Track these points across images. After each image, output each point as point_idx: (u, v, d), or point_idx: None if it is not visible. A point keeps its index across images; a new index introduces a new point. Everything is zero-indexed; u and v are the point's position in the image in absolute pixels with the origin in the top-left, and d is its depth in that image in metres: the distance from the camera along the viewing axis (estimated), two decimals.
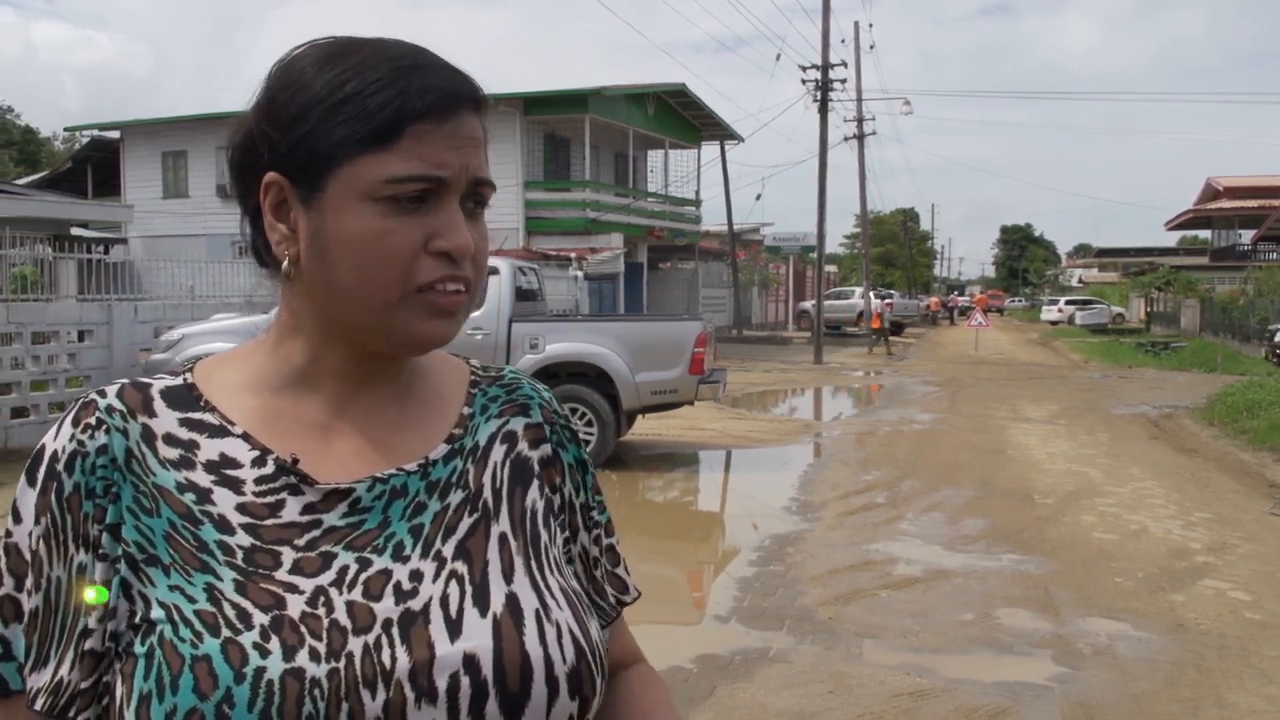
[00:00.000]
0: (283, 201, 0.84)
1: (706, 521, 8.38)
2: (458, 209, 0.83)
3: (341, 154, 0.81)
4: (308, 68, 0.83)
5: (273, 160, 0.83)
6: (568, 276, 20.37)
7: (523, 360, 9.39)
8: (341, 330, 0.86)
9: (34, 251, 12.61)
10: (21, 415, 10.16)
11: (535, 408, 0.97)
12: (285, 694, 0.74)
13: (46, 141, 56.78)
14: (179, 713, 0.74)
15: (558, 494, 0.94)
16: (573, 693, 0.82)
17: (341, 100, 0.81)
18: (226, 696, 0.74)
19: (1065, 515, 7.78)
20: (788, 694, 4.30)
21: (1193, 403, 15.22)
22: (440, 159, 0.81)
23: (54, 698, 0.80)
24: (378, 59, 0.82)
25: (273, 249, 0.86)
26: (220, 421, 0.86)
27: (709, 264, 34.63)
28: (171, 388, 0.88)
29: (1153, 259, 54.31)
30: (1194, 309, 33.69)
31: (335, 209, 0.81)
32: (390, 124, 0.80)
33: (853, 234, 77.81)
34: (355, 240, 0.81)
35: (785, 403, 17.29)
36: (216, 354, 0.93)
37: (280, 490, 0.84)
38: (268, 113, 0.84)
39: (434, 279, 0.82)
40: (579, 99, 25.46)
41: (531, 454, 0.94)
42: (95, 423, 0.83)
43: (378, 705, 0.76)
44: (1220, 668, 4.58)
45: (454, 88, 0.83)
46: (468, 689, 0.78)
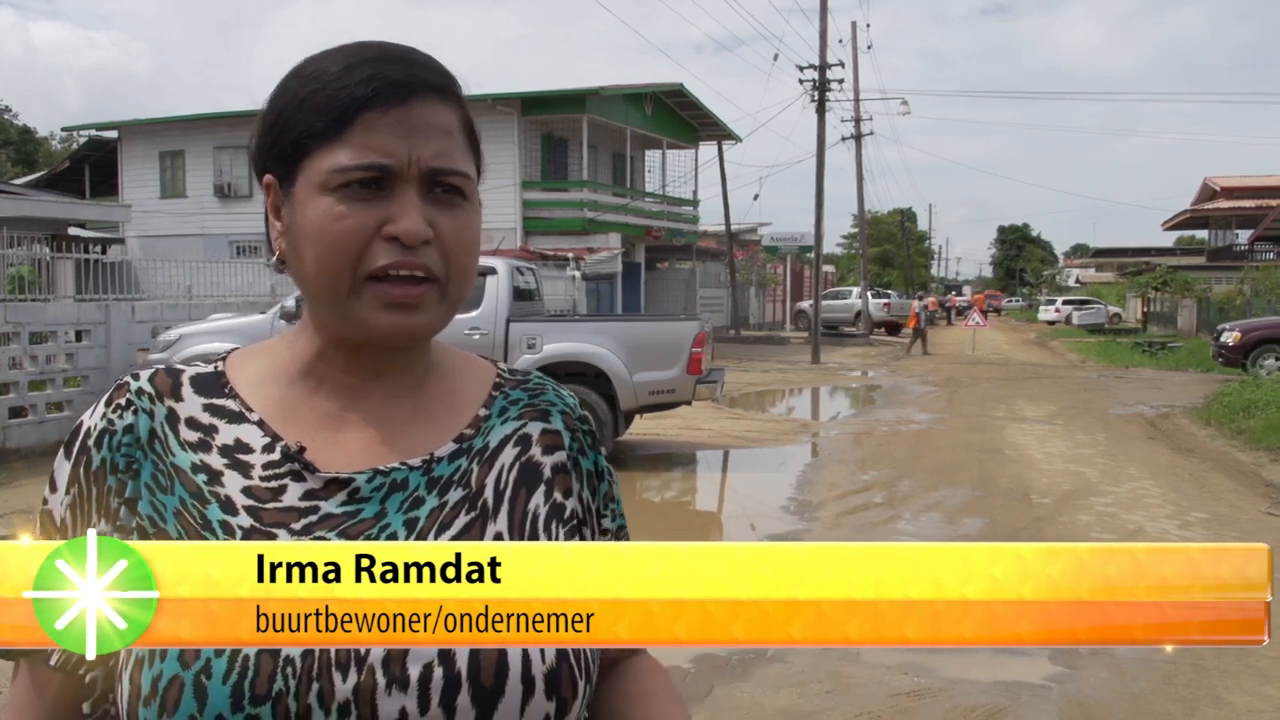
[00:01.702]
0: (276, 201, 0.90)
1: (704, 521, 8.38)
2: (412, 195, 0.84)
3: (304, 149, 0.85)
4: (293, 73, 0.89)
5: (264, 163, 0.89)
6: (565, 276, 20.39)
7: (520, 360, 9.39)
8: (317, 319, 0.91)
9: (31, 251, 12.59)
10: (19, 415, 10.15)
11: (556, 414, 0.98)
12: (259, 670, 0.78)
13: (44, 141, 56.74)
14: (164, 678, 0.78)
15: (570, 499, 0.94)
16: (549, 693, 0.82)
17: (305, 97, 0.85)
18: (205, 667, 0.78)
19: (1063, 515, 7.79)
20: (785, 693, 4.30)
21: (1190, 402, 15.23)
22: (386, 147, 0.83)
23: (64, 656, 0.85)
24: (340, 56, 0.87)
25: (272, 244, 0.91)
26: (240, 408, 0.91)
27: (707, 264, 34.64)
28: (202, 374, 0.94)
29: (1150, 259, 54.35)
30: (1191, 309, 33.74)
31: (300, 201, 0.85)
32: (339, 116, 0.83)
33: (850, 234, 77.91)
34: (312, 229, 0.84)
35: (783, 402, 17.30)
36: (250, 346, 0.98)
37: (284, 476, 0.88)
38: (261, 119, 0.90)
39: (385, 264, 0.84)
40: (577, 99, 25.46)
41: (544, 460, 0.94)
42: (125, 403, 0.89)
43: (348, 687, 0.79)
44: (1217, 667, 4.58)
45: (400, 76, 0.85)
46: (440, 679, 0.79)
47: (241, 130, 27.31)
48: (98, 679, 0.87)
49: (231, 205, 27.07)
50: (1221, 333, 19.85)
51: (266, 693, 0.78)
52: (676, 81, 28.52)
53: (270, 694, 0.78)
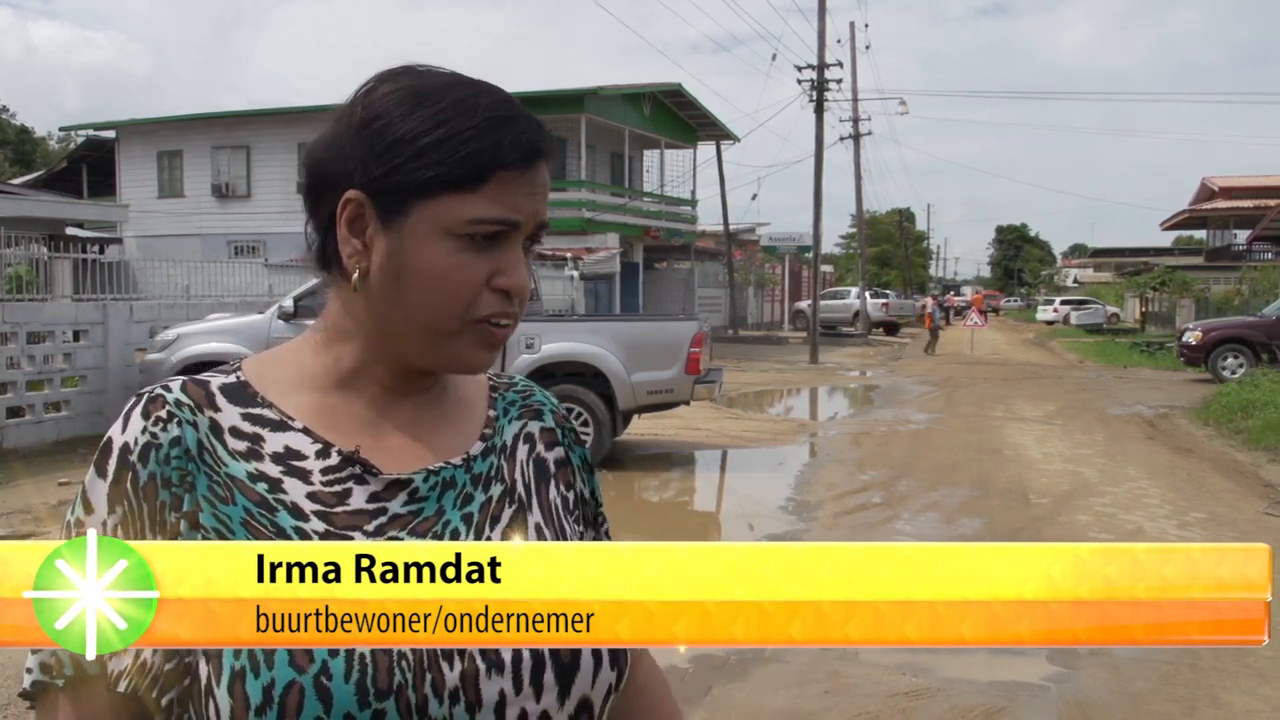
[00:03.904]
0: (359, 217, 0.89)
1: (703, 521, 8.38)
2: (520, 250, 0.90)
3: (429, 190, 0.87)
4: (401, 102, 0.89)
5: (361, 180, 0.89)
6: (564, 276, 20.38)
7: (519, 360, 9.39)
8: (394, 343, 0.92)
9: (29, 251, 12.58)
10: (17, 415, 10.14)
11: (547, 413, 1.05)
12: (377, 665, 0.80)
13: (42, 141, 56.71)
14: (277, 685, 0.78)
15: (572, 491, 1.02)
16: (612, 663, 0.90)
17: (436, 142, 0.87)
18: (323, 669, 0.79)
19: (1061, 515, 7.79)
20: (784, 694, 4.30)
21: (1188, 402, 15.24)
22: (518, 205, 0.88)
23: (137, 679, 0.83)
24: (471, 107, 0.88)
25: (343, 259, 0.91)
26: (280, 416, 0.92)
27: (705, 264, 34.64)
28: (228, 384, 0.93)
29: (1148, 259, 54.31)
30: (1189, 309, 33.74)
31: (415, 237, 0.87)
32: (481, 170, 0.87)
33: (849, 234, 77.90)
34: (430, 269, 0.87)
35: (781, 402, 17.30)
36: (260, 354, 0.99)
37: (346, 480, 0.90)
38: (360, 137, 0.89)
39: (491, 314, 0.90)
40: (575, 99, 25.46)
41: (548, 455, 1.02)
42: (166, 416, 0.88)
43: (455, 675, 0.83)
44: (1215, 667, 4.59)
45: (538, 142, 0.90)
46: (529, 659, 0.85)
47: (239, 130, 27.40)
48: (173, 702, 0.83)
49: (229, 205, 27.07)
50: (1184, 332, 20.50)
51: (389, 686, 0.80)
52: (675, 82, 28.54)
53: (392, 687, 0.80)
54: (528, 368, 9.31)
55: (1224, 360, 18.70)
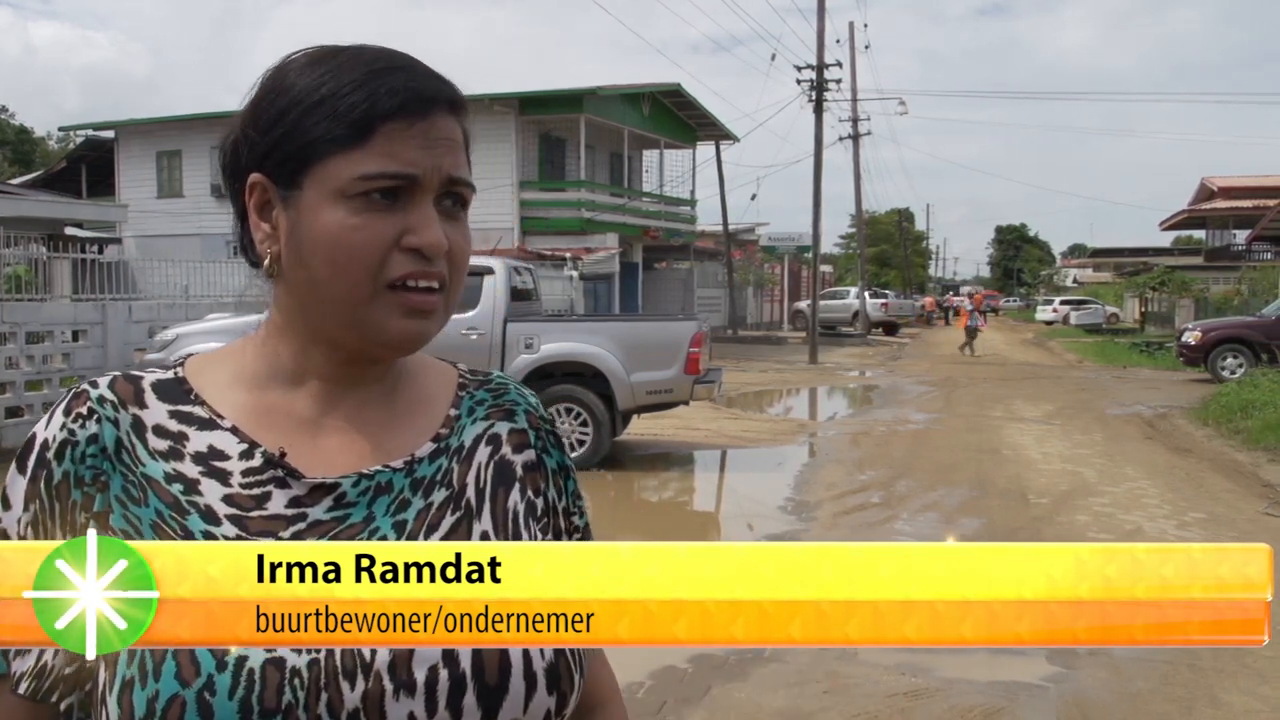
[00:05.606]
0: (267, 201, 0.86)
1: (702, 521, 8.39)
2: (430, 206, 0.84)
3: (317, 153, 0.83)
4: (290, 72, 0.86)
5: (254, 161, 0.86)
6: (563, 276, 20.38)
7: (518, 360, 9.39)
8: (319, 326, 0.88)
9: (28, 251, 12.59)
10: (16, 415, 10.16)
11: (521, 413, 0.98)
12: (266, 682, 0.76)
13: (41, 141, 56.71)
14: (161, 698, 0.75)
15: (540, 498, 0.95)
16: (550, 688, 0.83)
17: (317, 102, 0.83)
18: (208, 684, 0.75)
19: (1060, 515, 7.80)
20: (783, 694, 4.30)
21: (1187, 402, 15.25)
22: (410, 158, 0.83)
23: (37, 682, 0.82)
24: (354, 62, 0.85)
25: (256, 247, 0.88)
26: (209, 415, 0.88)
27: (704, 264, 34.64)
28: (163, 380, 0.90)
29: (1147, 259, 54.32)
30: (1188, 309, 33.74)
31: (310, 207, 0.83)
32: (362, 123, 0.82)
33: (848, 234, 77.93)
34: (328, 236, 0.82)
35: (781, 402, 17.30)
36: (207, 352, 0.95)
37: (267, 483, 0.85)
38: (251, 116, 0.87)
39: (404, 274, 0.83)
40: (574, 99, 25.45)
41: (515, 458, 0.95)
42: (87, 412, 0.85)
43: (356, 696, 0.78)
44: (1214, 667, 4.59)
45: (425, 89, 0.85)
46: (446, 681, 0.79)
47: None
48: (73, 706, 0.83)
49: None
50: (1184, 332, 20.54)
51: (276, 706, 0.76)
52: (674, 81, 28.51)
53: (280, 707, 0.76)
54: (527, 368, 9.31)
55: (1223, 360, 18.73)
